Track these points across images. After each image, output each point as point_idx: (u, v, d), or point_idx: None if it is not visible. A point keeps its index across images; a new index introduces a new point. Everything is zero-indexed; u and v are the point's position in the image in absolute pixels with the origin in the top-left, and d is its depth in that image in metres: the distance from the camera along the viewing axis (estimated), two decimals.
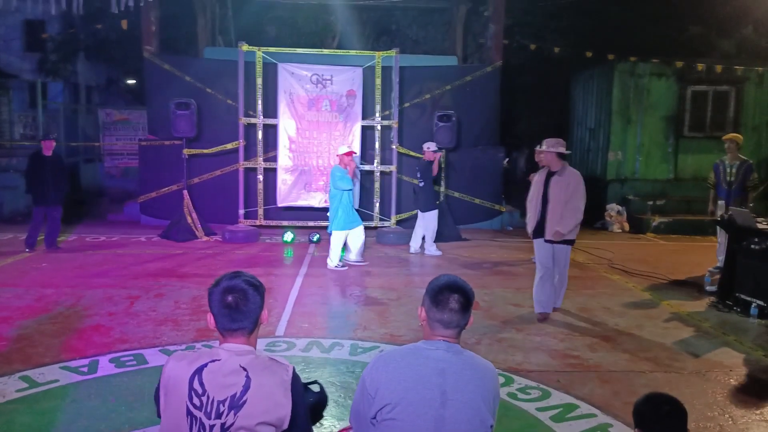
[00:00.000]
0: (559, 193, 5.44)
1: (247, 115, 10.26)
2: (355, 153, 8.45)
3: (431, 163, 8.76)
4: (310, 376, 4.08)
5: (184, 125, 9.74)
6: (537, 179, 5.70)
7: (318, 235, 9.71)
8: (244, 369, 1.84)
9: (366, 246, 9.60)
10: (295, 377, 1.90)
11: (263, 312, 1.98)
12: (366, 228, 10.25)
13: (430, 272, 7.70)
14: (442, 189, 10.67)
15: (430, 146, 8.83)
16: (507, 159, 13.48)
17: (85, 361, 4.36)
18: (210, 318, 1.93)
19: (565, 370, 4.43)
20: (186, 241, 9.55)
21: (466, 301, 2.01)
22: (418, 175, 8.84)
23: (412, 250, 8.96)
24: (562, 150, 5.50)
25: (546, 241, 5.59)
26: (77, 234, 10.05)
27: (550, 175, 5.55)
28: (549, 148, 5.48)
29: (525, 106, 17.00)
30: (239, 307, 1.89)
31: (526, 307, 6.08)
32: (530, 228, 5.70)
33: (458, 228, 10.50)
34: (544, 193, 5.54)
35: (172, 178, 10.60)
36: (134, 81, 19.30)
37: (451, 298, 2.00)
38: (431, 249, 8.85)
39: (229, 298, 1.89)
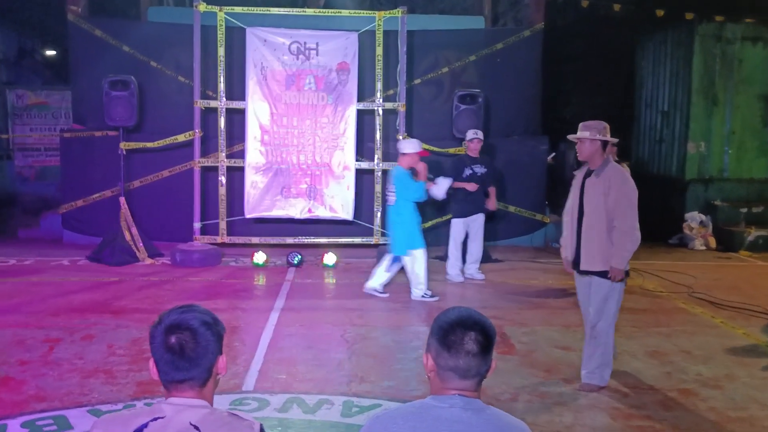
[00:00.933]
0: (594, 200, 5.03)
1: (204, 97, 10.34)
2: (429, 153, 8.66)
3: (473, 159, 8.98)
4: None
5: (121, 111, 9.83)
6: (575, 181, 5.30)
7: (299, 256, 9.75)
8: (196, 428, 1.86)
9: (365, 268, 9.64)
10: None
11: (220, 358, 2.01)
12: (362, 246, 10.42)
13: (450, 304, 7.68)
14: None
15: (477, 134, 9.02)
16: (552, 153, 13.49)
17: None
18: (152, 365, 1.96)
19: None
20: (123, 264, 9.60)
21: (486, 340, 2.03)
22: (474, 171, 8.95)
23: (452, 275, 9.01)
24: (606, 137, 5.07)
25: (580, 273, 5.19)
26: None
27: (587, 175, 5.16)
28: (587, 135, 5.04)
29: (575, 83, 17.04)
30: (185, 352, 1.93)
31: (578, 351, 6.05)
32: (566, 254, 5.29)
33: (486, 245, 10.51)
34: (579, 201, 5.16)
35: (104, 181, 10.68)
36: (54, 52, 19.43)
37: (465, 337, 2.01)
38: (476, 270, 9.15)
39: (173, 340, 1.92)
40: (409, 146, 7.92)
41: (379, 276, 8.14)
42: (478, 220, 8.99)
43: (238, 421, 1.92)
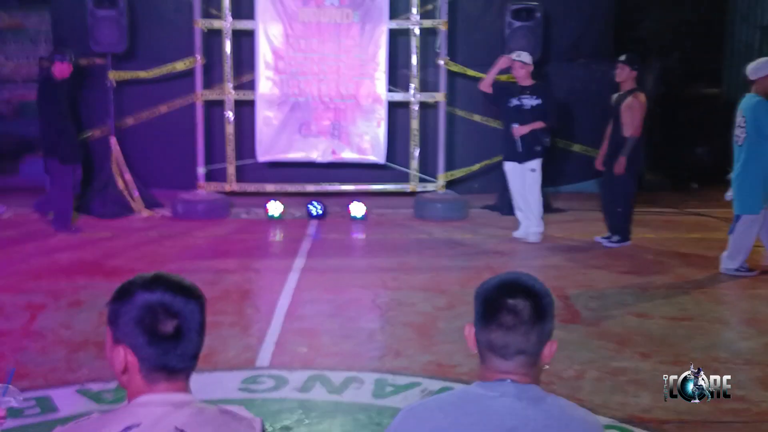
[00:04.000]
0: None
1: (207, 16, 10.24)
2: None
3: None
4: None
5: (109, 33, 9.80)
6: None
7: (321, 206, 9.70)
8: None
9: (400, 221, 9.59)
10: None
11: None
12: (396, 193, 10.34)
13: (499, 265, 7.65)
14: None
15: (520, 56, 8.68)
16: None
17: None
18: (124, 353, 1.87)
19: (721, 420, 4.36)
20: (116, 217, 9.67)
21: (539, 309, 1.96)
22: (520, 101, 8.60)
23: (522, 232, 8.80)
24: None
25: None
26: None
27: None
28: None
29: None
30: (189, 334, 1.85)
31: (657, 318, 6.01)
32: None
33: (547, 191, 10.37)
34: None
35: (92, 118, 10.69)
36: None
37: (504, 305, 1.96)
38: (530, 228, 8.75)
39: (174, 323, 1.84)
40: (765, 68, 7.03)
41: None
42: (528, 165, 8.62)
43: (234, 421, 1.85)
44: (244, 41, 10.35)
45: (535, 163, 8.55)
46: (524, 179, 8.58)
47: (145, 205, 9.99)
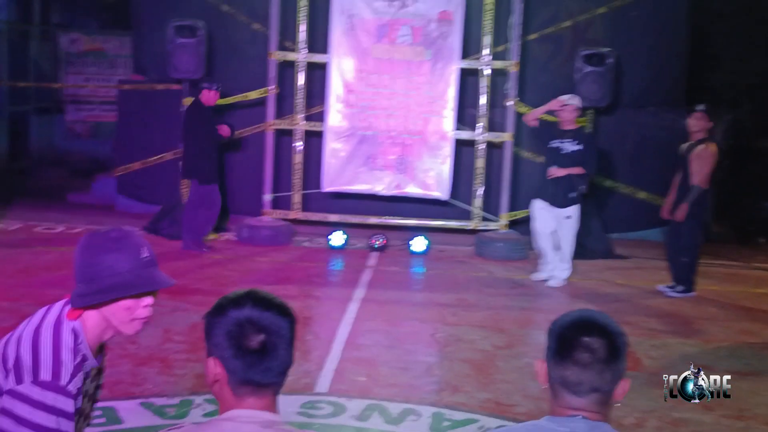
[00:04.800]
0: None
1: (282, 48, 10.44)
2: None
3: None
4: None
5: (188, 61, 10.03)
6: None
7: (383, 239, 9.75)
8: None
9: (460, 258, 9.59)
10: None
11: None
12: (457, 230, 10.34)
13: (560, 307, 7.57)
14: None
15: (573, 98, 8.62)
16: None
17: None
18: (214, 365, 1.94)
19: None
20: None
21: (614, 348, 1.98)
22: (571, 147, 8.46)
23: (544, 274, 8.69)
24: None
25: None
26: (21, 221, 10.55)
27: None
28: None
29: (729, 42, 16.37)
30: (276, 350, 1.90)
31: (719, 370, 5.86)
32: None
33: (609, 238, 10.27)
34: None
35: (165, 141, 10.93)
36: None
37: (587, 344, 1.96)
38: (560, 271, 8.62)
39: (260, 338, 1.89)
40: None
41: None
42: (564, 213, 8.43)
43: None
44: (317, 73, 10.51)
45: (571, 210, 8.38)
46: (555, 222, 8.42)
47: (213, 229, 10.15)
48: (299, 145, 10.31)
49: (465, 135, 10.37)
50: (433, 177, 10.17)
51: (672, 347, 6.56)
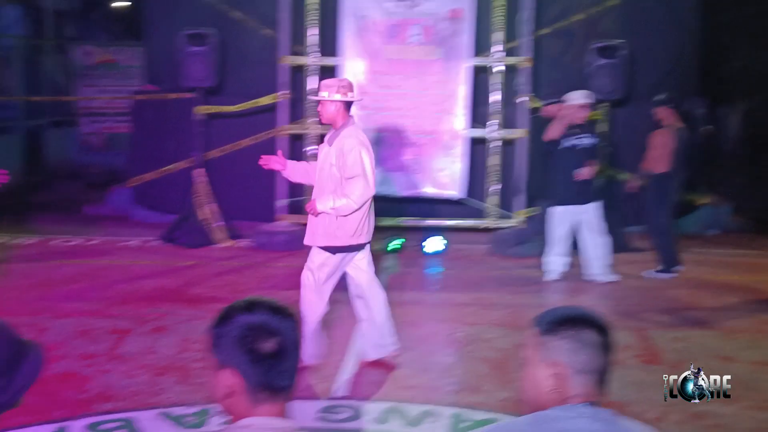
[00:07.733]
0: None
1: (293, 53, 10.42)
2: None
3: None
4: None
5: (199, 69, 10.05)
6: None
7: (398, 241, 9.70)
8: None
9: (476, 256, 9.53)
10: None
11: None
12: (473, 230, 10.28)
13: (576, 303, 7.51)
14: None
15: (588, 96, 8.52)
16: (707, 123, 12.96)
17: (50, 429, 4.52)
18: (229, 376, 1.90)
19: None
20: (199, 246, 9.87)
21: (606, 336, 2.09)
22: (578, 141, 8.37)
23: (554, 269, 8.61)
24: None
25: None
26: (38, 235, 10.57)
27: None
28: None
29: (743, 33, 16.24)
30: (289, 352, 1.90)
31: (742, 362, 5.84)
32: None
33: (626, 231, 10.17)
34: None
35: (180, 150, 10.96)
36: (127, 2, 20.08)
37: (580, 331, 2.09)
38: (599, 269, 8.45)
39: (274, 341, 1.88)
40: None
41: None
42: (591, 207, 8.31)
43: None
44: (328, 77, 10.45)
45: (598, 204, 8.32)
46: (579, 222, 8.28)
47: (228, 236, 10.15)
48: (311, 149, 10.29)
49: (478, 133, 10.32)
50: (448, 176, 10.13)
51: (692, 338, 6.48)
